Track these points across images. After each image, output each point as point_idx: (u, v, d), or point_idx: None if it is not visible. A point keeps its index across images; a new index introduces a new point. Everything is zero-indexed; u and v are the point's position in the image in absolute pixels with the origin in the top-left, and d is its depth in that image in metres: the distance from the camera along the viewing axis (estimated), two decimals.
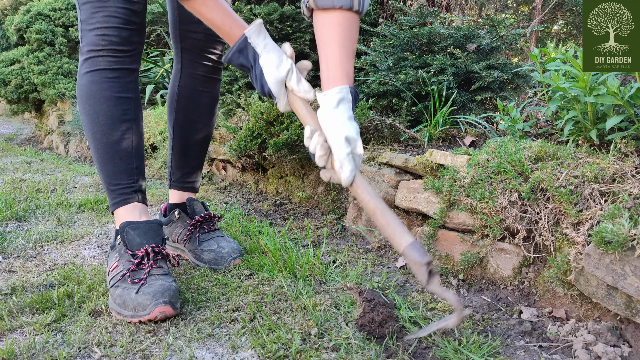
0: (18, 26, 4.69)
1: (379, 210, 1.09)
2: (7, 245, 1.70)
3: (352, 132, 1.13)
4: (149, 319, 1.18)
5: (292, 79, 1.19)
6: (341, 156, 1.11)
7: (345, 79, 1.17)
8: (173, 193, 1.71)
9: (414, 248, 1.02)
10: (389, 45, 2.32)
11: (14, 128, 6.48)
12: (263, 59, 1.19)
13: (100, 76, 1.36)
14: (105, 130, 1.38)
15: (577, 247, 1.13)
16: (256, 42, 1.18)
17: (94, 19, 1.34)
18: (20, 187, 2.57)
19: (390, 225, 1.07)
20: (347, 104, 1.15)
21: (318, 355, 1.02)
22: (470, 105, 2.09)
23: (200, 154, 1.72)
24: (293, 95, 1.21)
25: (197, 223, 1.60)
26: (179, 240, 1.63)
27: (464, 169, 1.44)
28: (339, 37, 1.17)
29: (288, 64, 1.19)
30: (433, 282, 1.01)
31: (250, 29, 1.18)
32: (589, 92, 1.34)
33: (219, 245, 1.55)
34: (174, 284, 1.25)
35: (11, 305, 1.24)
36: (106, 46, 1.34)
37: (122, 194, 1.39)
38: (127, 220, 1.35)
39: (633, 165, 1.19)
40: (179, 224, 1.63)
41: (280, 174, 2.47)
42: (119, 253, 1.32)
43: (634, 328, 1.07)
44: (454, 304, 1.00)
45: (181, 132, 1.67)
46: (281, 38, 2.55)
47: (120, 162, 1.39)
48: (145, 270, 1.26)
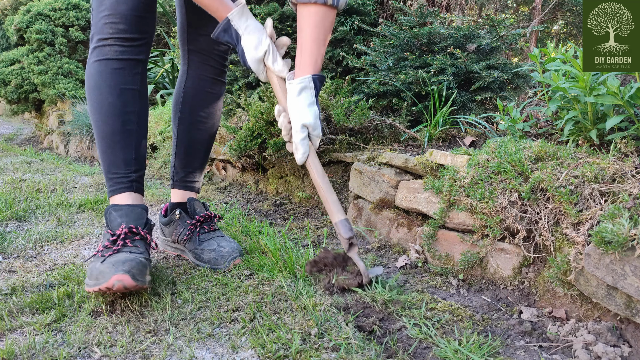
0: (18, 26, 4.69)
1: (323, 189, 1.36)
2: (7, 245, 1.70)
3: (309, 118, 1.34)
4: (106, 286, 1.17)
5: (269, 59, 1.37)
6: (296, 140, 1.35)
7: (311, 68, 1.35)
8: (175, 193, 1.72)
9: (343, 225, 1.33)
10: (389, 45, 2.32)
11: (14, 128, 6.47)
12: (244, 39, 1.35)
13: (106, 66, 1.40)
14: (108, 121, 1.42)
15: (577, 247, 1.13)
16: (238, 24, 1.34)
17: (104, 5, 1.38)
18: (20, 187, 2.57)
19: (329, 203, 1.35)
20: (309, 91, 1.34)
21: (318, 355, 1.02)
22: (470, 105, 2.09)
23: (205, 154, 1.75)
24: (270, 72, 1.40)
25: (197, 223, 1.61)
26: (179, 241, 1.63)
27: (464, 169, 1.44)
28: (312, 29, 1.34)
29: (266, 45, 1.35)
30: (352, 251, 1.34)
31: (232, 12, 1.32)
32: (589, 92, 1.34)
33: (219, 245, 1.55)
34: (141, 258, 1.25)
35: (11, 305, 1.24)
36: (114, 34, 1.38)
37: (118, 182, 1.43)
38: (113, 203, 1.41)
39: (633, 165, 1.19)
40: (179, 224, 1.64)
41: (280, 174, 2.46)
42: (103, 234, 1.39)
43: (634, 328, 1.07)
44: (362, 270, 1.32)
45: (186, 132, 1.70)
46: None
47: (120, 152, 1.43)
48: (115, 248, 1.27)
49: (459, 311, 1.24)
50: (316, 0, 1.31)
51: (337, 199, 1.35)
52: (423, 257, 1.56)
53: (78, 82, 4.74)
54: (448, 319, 1.21)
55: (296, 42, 1.39)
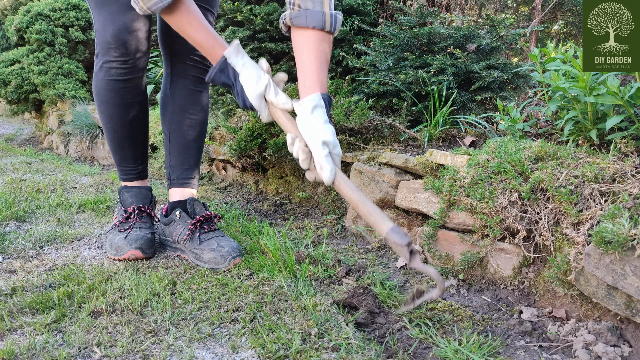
0: (18, 26, 4.69)
1: (360, 202, 1.21)
2: (7, 245, 1.70)
3: (328, 135, 1.24)
4: (124, 257, 1.58)
5: (271, 93, 1.30)
6: (320, 159, 1.22)
7: (318, 88, 1.29)
8: (173, 192, 1.75)
9: (395, 232, 1.14)
10: (389, 45, 2.32)
11: (14, 128, 6.48)
12: (243, 76, 1.30)
13: (114, 85, 1.61)
14: (118, 128, 1.69)
15: (577, 247, 1.13)
16: (235, 62, 1.30)
17: (107, 30, 1.53)
18: (20, 188, 2.57)
19: (372, 214, 1.20)
20: (321, 110, 1.26)
21: (318, 355, 1.02)
22: (470, 105, 2.09)
23: (198, 151, 1.80)
24: (273, 107, 1.32)
25: (197, 223, 1.62)
26: (179, 241, 1.64)
27: (464, 169, 1.44)
28: (314, 53, 1.31)
29: (266, 79, 1.30)
30: (414, 260, 1.13)
31: (229, 50, 1.29)
32: (589, 92, 1.34)
33: (219, 244, 1.56)
34: (148, 234, 1.64)
35: (11, 306, 1.24)
36: (118, 58, 1.56)
37: (129, 173, 1.76)
38: (124, 185, 1.76)
39: (633, 165, 1.19)
40: (179, 224, 1.65)
41: (280, 174, 2.47)
42: (117, 208, 1.76)
43: (634, 328, 1.07)
44: (435, 278, 1.10)
45: (178, 131, 1.75)
46: (281, 38, 2.55)
47: (129, 151, 1.73)
48: (131, 223, 1.66)
49: (459, 311, 1.24)
50: (314, 26, 1.29)
51: (379, 210, 1.21)
52: (423, 257, 1.56)
53: (78, 83, 4.74)
54: (448, 319, 1.21)
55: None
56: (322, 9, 1.30)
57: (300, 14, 1.30)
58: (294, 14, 1.32)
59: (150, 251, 1.61)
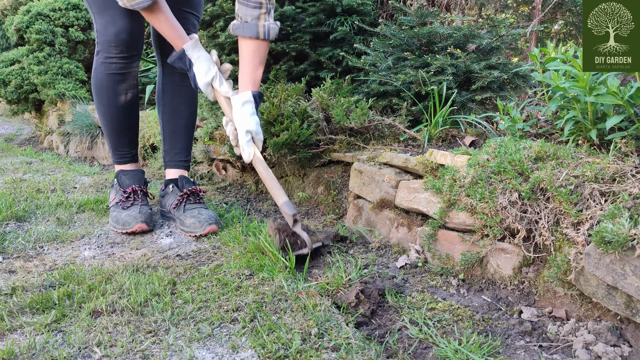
0: (18, 26, 4.68)
1: (268, 179, 1.68)
2: (7, 245, 1.70)
3: (252, 125, 1.68)
4: (132, 230, 1.82)
5: (216, 82, 1.74)
6: (243, 143, 1.69)
7: (250, 86, 1.72)
8: (168, 172, 2.11)
9: (287, 205, 1.61)
10: (389, 45, 2.32)
11: (14, 128, 6.47)
12: (195, 67, 1.73)
13: (113, 78, 1.91)
14: (114, 115, 1.98)
15: (577, 247, 1.13)
16: (191, 54, 1.72)
17: (108, 32, 1.83)
18: (20, 187, 2.57)
19: (274, 189, 1.67)
20: (249, 104, 1.69)
21: (318, 355, 1.02)
22: (470, 105, 2.09)
23: (187, 137, 2.12)
24: (217, 93, 1.76)
25: (185, 195, 1.95)
26: (170, 209, 1.97)
27: (464, 168, 1.44)
28: (250, 56, 1.71)
29: (214, 72, 1.73)
30: (296, 226, 1.60)
31: (187, 44, 1.71)
32: (589, 92, 1.34)
33: (199, 212, 1.86)
34: (149, 210, 1.91)
35: (11, 305, 1.24)
36: (117, 54, 1.87)
37: (124, 156, 2.06)
38: (121, 169, 2.04)
39: (633, 165, 1.19)
40: (171, 196, 2.00)
41: (280, 174, 2.46)
42: (115, 190, 2.01)
43: (634, 328, 1.07)
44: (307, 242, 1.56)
45: (169, 120, 2.10)
46: (281, 38, 2.55)
47: (123, 137, 2.03)
48: (130, 201, 1.92)
49: (459, 311, 1.24)
50: (250, 36, 1.68)
51: (280, 186, 1.68)
52: (423, 257, 1.56)
53: (78, 82, 4.74)
54: (448, 319, 1.21)
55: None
56: (257, 22, 1.67)
57: (239, 26, 1.69)
58: (236, 25, 1.70)
59: (152, 225, 1.89)
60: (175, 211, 1.92)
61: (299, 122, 2.02)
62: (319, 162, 2.20)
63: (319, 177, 2.22)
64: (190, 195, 1.95)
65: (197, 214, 1.85)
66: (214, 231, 1.82)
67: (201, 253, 1.67)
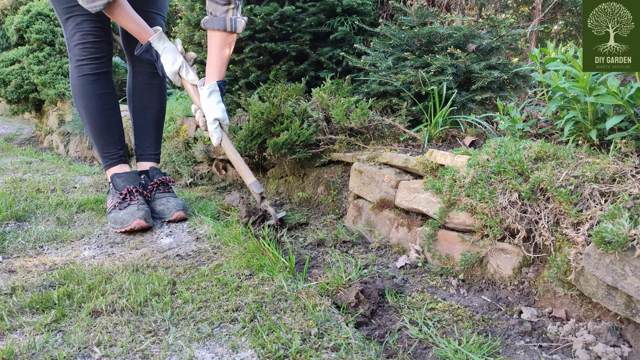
0: (18, 26, 4.68)
1: (237, 162, 1.87)
2: (7, 245, 1.70)
3: (219, 113, 1.85)
4: (131, 228, 1.83)
5: (183, 71, 1.87)
6: (211, 130, 1.86)
7: (216, 76, 1.87)
8: (140, 164, 2.21)
9: (255, 185, 1.85)
10: (389, 45, 2.32)
11: (14, 128, 6.47)
12: (163, 58, 1.84)
13: (87, 80, 1.99)
14: (96, 118, 2.04)
15: (577, 247, 1.13)
16: (157, 46, 1.83)
17: (75, 37, 1.93)
18: (20, 187, 2.56)
19: (243, 170, 1.87)
20: (216, 93, 1.85)
21: (318, 355, 1.02)
22: (470, 105, 2.09)
23: (156, 132, 2.24)
24: (184, 81, 1.89)
25: (154, 185, 2.08)
26: None
27: (464, 169, 1.44)
28: (217, 48, 1.85)
29: (180, 61, 1.85)
30: (263, 202, 1.85)
31: (153, 37, 1.81)
32: (589, 92, 1.34)
33: (167, 200, 2.01)
34: (146, 207, 1.93)
35: (11, 305, 1.24)
36: (87, 56, 1.96)
37: (111, 159, 2.10)
38: (115, 172, 2.07)
39: (633, 165, 1.19)
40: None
41: (280, 174, 2.46)
42: (112, 194, 2.04)
43: (634, 328, 1.07)
44: (272, 215, 1.83)
45: (139, 116, 2.21)
46: (281, 38, 2.55)
47: (108, 138, 2.08)
48: (127, 202, 1.95)
49: (459, 311, 1.24)
50: (218, 28, 1.82)
51: (248, 168, 1.87)
52: (423, 257, 1.56)
53: None
54: (448, 319, 1.21)
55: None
56: (225, 16, 1.81)
57: (209, 20, 1.82)
58: (206, 19, 1.83)
59: (150, 222, 1.89)
60: None
61: (298, 122, 2.01)
62: (319, 162, 2.20)
63: (318, 177, 2.22)
64: (160, 185, 2.09)
65: (166, 201, 2.00)
66: (181, 217, 1.95)
67: (201, 253, 1.67)
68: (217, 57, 1.85)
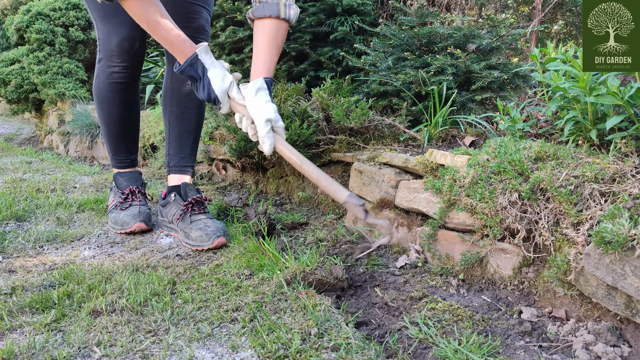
0: (18, 26, 4.68)
1: (320, 177, 1.44)
2: (7, 245, 1.70)
3: (270, 113, 1.46)
4: (131, 230, 1.80)
5: (233, 90, 1.50)
6: (262, 134, 1.45)
7: (263, 73, 1.53)
8: (171, 178, 1.98)
9: (352, 197, 1.40)
10: (389, 45, 2.32)
11: (14, 128, 6.47)
12: (211, 73, 1.48)
13: (115, 87, 1.89)
14: (115, 124, 1.97)
15: (577, 247, 1.13)
16: (205, 59, 1.48)
17: (111, 41, 1.79)
18: (20, 187, 2.56)
19: (331, 185, 1.43)
20: (264, 91, 1.49)
21: (318, 355, 1.02)
22: (470, 105, 2.09)
23: (194, 141, 2.01)
24: (233, 102, 1.52)
25: (189, 205, 1.80)
26: (172, 220, 1.83)
27: (464, 169, 1.44)
28: (267, 40, 1.54)
29: (230, 78, 1.50)
30: (369, 217, 1.40)
31: (200, 49, 1.48)
32: (589, 92, 1.34)
33: (205, 224, 1.72)
34: (147, 210, 1.89)
35: (11, 305, 1.24)
36: (120, 63, 1.84)
37: (122, 162, 2.05)
38: (118, 171, 2.03)
39: (633, 165, 1.19)
40: (174, 205, 1.85)
41: (280, 174, 2.46)
42: (114, 192, 2.00)
43: (634, 328, 1.07)
44: (385, 227, 1.41)
45: (176, 122, 1.98)
46: None
47: (124, 143, 2.02)
48: (129, 202, 1.90)
49: (459, 311, 1.24)
50: (270, 14, 1.52)
51: (333, 179, 1.45)
52: (423, 257, 1.56)
53: (78, 82, 4.74)
54: (448, 319, 1.21)
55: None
56: (279, 1, 1.53)
57: (259, 7, 1.54)
58: (255, 7, 1.55)
59: (151, 224, 1.86)
60: (180, 222, 1.78)
61: (299, 122, 2.01)
62: (319, 162, 2.20)
63: None
64: (195, 204, 1.81)
65: (204, 225, 1.71)
66: (222, 244, 1.69)
67: (201, 253, 1.67)
68: (265, 50, 1.54)
